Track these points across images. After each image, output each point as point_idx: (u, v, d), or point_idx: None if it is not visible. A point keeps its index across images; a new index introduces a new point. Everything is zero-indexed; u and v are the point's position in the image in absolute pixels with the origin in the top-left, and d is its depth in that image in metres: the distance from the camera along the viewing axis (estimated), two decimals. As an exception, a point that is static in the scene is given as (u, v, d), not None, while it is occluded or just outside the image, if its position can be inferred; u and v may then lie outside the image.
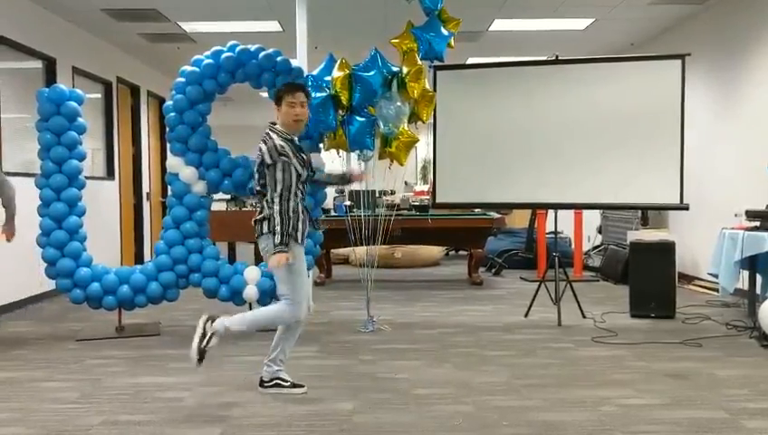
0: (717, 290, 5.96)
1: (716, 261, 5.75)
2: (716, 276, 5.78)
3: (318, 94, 4.90)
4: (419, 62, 5.08)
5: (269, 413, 3.50)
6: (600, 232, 9.52)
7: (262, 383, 3.83)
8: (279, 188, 3.63)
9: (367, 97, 4.95)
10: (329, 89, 4.95)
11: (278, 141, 3.66)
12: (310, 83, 4.96)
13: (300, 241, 3.70)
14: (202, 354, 3.61)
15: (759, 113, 6.56)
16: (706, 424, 3.30)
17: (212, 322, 3.65)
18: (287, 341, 3.82)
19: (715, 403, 3.59)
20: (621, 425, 3.29)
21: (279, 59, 5.25)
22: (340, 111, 5.08)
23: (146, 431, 3.28)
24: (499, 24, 7.98)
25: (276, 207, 3.61)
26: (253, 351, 4.73)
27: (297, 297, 3.68)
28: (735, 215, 5.76)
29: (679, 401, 3.64)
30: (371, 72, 4.93)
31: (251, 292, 5.21)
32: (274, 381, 3.80)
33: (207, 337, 3.61)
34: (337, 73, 5.00)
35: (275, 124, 3.81)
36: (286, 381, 3.80)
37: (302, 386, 3.80)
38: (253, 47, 5.27)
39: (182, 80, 5.28)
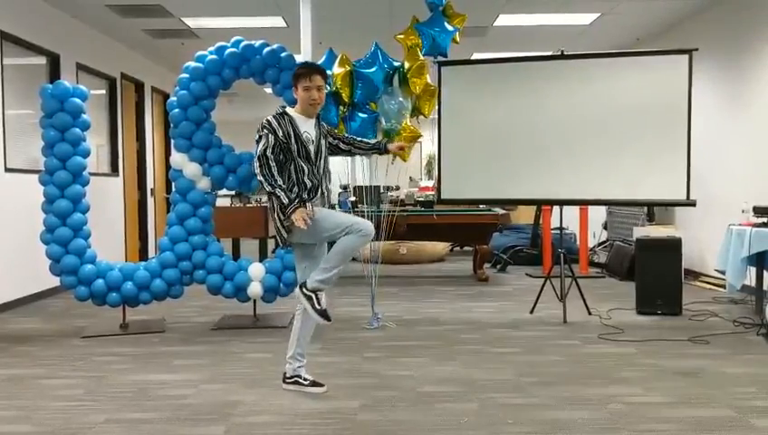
0: (724, 286, 5.93)
1: (723, 257, 5.72)
2: (723, 273, 5.75)
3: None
4: (421, 57, 5.05)
5: (274, 411, 3.49)
6: (605, 228, 9.48)
7: (284, 379, 3.81)
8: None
9: (369, 94, 4.92)
10: (329, 86, 4.91)
11: (269, 117, 3.61)
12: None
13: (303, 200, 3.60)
14: (324, 314, 3.51)
15: (766, 109, 6.51)
16: (714, 423, 3.27)
17: (304, 287, 3.54)
18: (304, 335, 3.79)
19: (723, 401, 3.56)
20: (629, 423, 3.26)
21: (283, 55, 5.23)
22: (341, 108, 5.05)
23: (150, 429, 3.26)
24: (504, 20, 7.94)
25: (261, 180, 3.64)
26: (258, 348, 4.73)
27: (349, 223, 3.50)
28: (743, 211, 5.72)
29: (687, 399, 3.61)
30: (373, 69, 4.90)
31: (255, 288, 5.21)
32: (294, 379, 3.78)
33: (315, 298, 3.50)
34: (337, 70, 4.97)
35: (285, 106, 3.75)
36: (306, 380, 3.77)
37: (321, 385, 3.75)
38: (257, 43, 5.25)
39: (186, 76, 5.27)
